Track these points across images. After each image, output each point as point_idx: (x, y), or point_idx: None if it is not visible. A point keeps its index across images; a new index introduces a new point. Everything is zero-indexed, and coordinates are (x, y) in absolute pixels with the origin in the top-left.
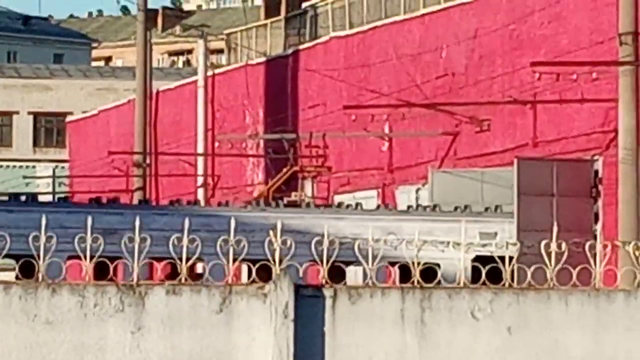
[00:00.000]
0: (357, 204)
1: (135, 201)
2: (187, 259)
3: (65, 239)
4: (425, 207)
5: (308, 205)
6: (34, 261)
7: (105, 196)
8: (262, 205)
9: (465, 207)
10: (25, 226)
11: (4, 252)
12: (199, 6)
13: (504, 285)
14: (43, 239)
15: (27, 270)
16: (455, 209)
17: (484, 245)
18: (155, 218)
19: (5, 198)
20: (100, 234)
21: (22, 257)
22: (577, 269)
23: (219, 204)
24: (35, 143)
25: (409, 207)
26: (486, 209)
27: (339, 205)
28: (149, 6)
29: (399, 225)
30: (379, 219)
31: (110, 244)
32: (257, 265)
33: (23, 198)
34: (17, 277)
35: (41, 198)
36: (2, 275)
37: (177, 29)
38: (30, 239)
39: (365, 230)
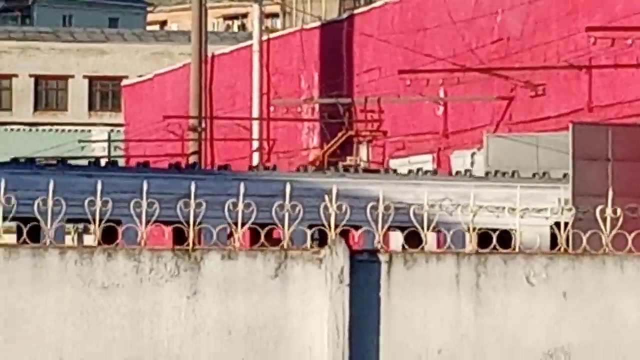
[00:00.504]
0: (434, 170)
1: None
2: (243, 224)
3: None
4: (504, 174)
5: (387, 171)
6: (114, 225)
7: (183, 162)
8: (357, 172)
9: (544, 173)
10: (107, 191)
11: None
12: None
13: (559, 250)
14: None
15: (107, 235)
16: (534, 175)
17: (539, 211)
18: (233, 184)
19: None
20: (180, 199)
21: (102, 222)
22: (633, 234)
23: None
24: (91, 107)
25: (487, 172)
26: (564, 175)
27: (418, 171)
28: None
29: (478, 191)
30: (458, 184)
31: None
32: (312, 230)
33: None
34: (99, 243)
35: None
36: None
37: None
38: (109, 204)
39: (444, 197)
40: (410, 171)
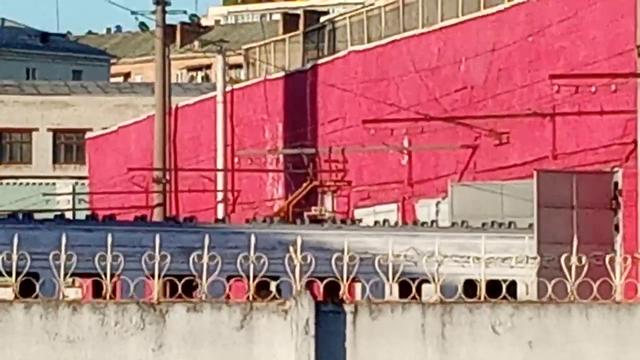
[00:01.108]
0: (432, 222)
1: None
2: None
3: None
4: (500, 224)
5: (352, 222)
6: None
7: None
8: (335, 224)
9: (510, 223)
10: (103, 245)
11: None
12: (217, 21)
13: (524, 300)
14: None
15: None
16: (500, 225)
17: (503, 260)
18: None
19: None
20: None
21: (93, 276)
22: (598, 282)
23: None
24: (55, 160)
25: (483, 224)
26: (530, 225)
27: (384, 222)
28: (167, 22)
29: (474, 242)
30: (454, 236)
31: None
32: (277, 282)
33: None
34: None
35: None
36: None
37: (196, 44)
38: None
39: (441, 249)
40: (376, 222)
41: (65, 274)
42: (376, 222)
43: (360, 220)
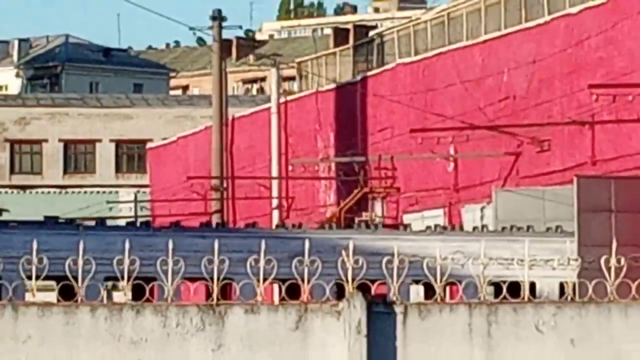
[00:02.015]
0: (503, 228)
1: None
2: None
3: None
4: (518, 228)
5: (445, 228)
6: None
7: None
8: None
9: (557, 227)
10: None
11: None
12: (271, 35)
13: (566, 299)
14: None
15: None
16: (547, 229)
17: (546, 262)
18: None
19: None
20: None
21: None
22: (637, 282)
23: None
24: (118, 169)
25: (503, 228)
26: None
27: (436, 227)
28: (224, 37)
29: (518, 246)
30: (499, 239)
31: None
32: (331, 284)
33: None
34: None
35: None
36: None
37: (251, 57)
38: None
39: (486, 251)
40: (428, 227)
41: (178, 278)
42: (427, 227)
43: (408, 225)
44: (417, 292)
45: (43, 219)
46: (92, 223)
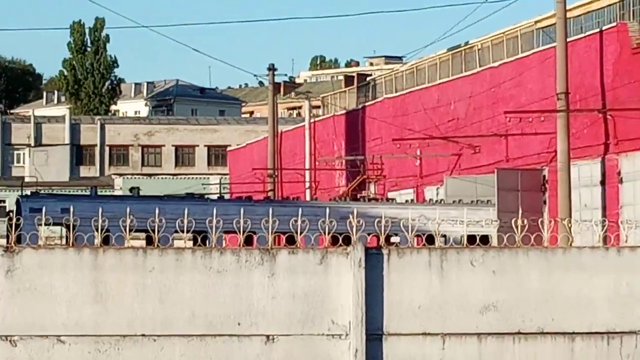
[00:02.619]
0: (437, 200)
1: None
2: (301, 232)
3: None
4: (462, 201)
5: (387, 200)
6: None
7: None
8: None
9: (476, 201)
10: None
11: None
12: (305, 80)
13: (490, 245)
14: (215, 223)
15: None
16: (475, 201)
17: (477, 222)
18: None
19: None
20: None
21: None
22: (533, 235)
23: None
24: (209, 163)
25: (452, 201)
26: (488, 201)
27: (405, 200)
28: (275, 80)
29: (460, 212)
30: (448, 208)
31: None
32: (342, 236)
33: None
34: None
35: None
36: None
37: (292, 93)
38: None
39: (440, 215)
40: (404, 201)
41: (272, 233)
42: (403, 201)
43: (392, 199)
44: (397, 242)
45: (184, 195)
46: (215, 197)
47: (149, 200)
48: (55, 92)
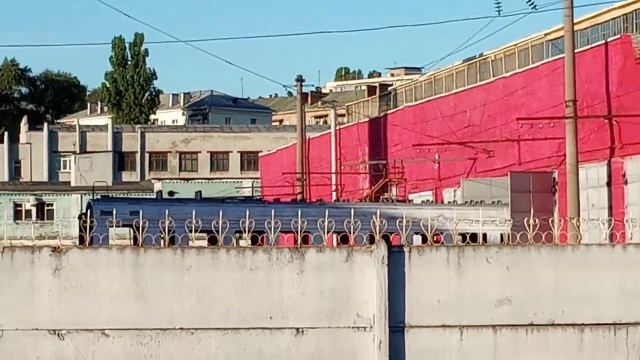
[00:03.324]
0: (454, 201)
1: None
2: (328, 231)
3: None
4: (478, 202)
5: (409, 201)
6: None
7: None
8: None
9: (498, 201)
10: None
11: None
12: (331, 90)
13: (504, 243)
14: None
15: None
16: (492, 202)
17: (493, 221)
18: (315, 210)
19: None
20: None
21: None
22: (545, 233)
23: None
24: (242, 168)
25: (465, 202)
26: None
27: (424, 201)
28: (303, 90)
29: (477, 212)
30: (465, 208)
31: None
32: (367, 235)
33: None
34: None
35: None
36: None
37: (319, 103)
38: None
39: (457, 215)
40: (423, 201)
41: (300, 232)
42: (422, 202)
43: (412, 200)
44: (417, 240)
45: (244, 198)
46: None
47: (211, 203)
48: (99, 102)
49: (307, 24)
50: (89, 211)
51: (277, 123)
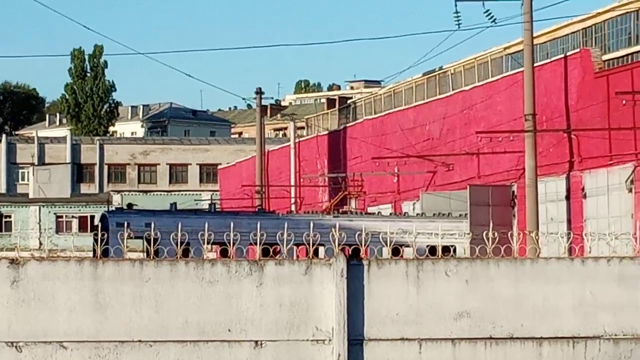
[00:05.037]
0: (404, 213)
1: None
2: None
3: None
4: (440, 214)
5: (392, 215)
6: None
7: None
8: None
9: (448, 214)
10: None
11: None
12: (290, 102)
13: (463, 256)
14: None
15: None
16: (449, 215)
17: (451, 234)
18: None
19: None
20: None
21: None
22: (504, 247)
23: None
24: (201, 181)
25: (422, 214)
26: (465, 215)
27: (377, 213)
28: (263, 103)
29: (435, 224)
30: (423, 220)
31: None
32: (325, 248)
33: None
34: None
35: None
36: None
37: (279, 115)
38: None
39: (416, 228)
40: (379, 213)
41: (290, 245)
42: (379, 213)
43: (371, 213)
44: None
45: (257, 211)
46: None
47: (224, 216)
48: (57, 114)
49: (267, 36)
50: (101, 223)
51: (237, 135)
